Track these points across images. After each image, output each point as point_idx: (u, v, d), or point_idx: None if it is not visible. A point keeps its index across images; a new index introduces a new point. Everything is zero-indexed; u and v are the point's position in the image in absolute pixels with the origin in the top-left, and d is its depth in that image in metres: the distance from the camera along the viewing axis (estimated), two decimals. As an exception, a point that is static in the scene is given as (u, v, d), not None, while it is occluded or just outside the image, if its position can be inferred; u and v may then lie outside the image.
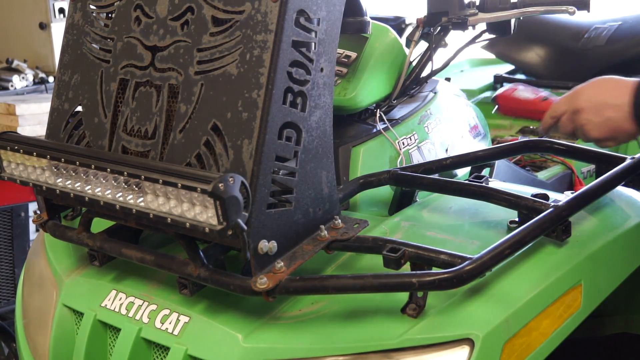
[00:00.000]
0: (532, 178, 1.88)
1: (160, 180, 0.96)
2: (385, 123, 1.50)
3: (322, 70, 1.08)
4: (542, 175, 1.96)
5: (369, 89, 1.47)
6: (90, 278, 1.29)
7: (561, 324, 1.08)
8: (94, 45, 1.21)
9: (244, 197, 0.93)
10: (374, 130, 1.48)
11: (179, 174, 0.96)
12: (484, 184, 1.27)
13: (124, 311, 1.19)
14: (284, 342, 1.04)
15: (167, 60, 1.11)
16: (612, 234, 1.20)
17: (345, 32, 1.28)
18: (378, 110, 1.51)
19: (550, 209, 1.11)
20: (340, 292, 0.99)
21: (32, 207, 2.63)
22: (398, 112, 1.57)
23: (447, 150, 1.62)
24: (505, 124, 2.36)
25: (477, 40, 1.61)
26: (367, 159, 1.44)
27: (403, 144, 1.51)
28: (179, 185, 0.94)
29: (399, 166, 1.45)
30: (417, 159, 1.52)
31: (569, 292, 1.10)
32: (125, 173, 1.01)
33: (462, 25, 1.51)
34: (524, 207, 1.17)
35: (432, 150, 1.58)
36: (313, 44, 1.06)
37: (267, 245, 1.01)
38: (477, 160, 1.43)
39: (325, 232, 1.11)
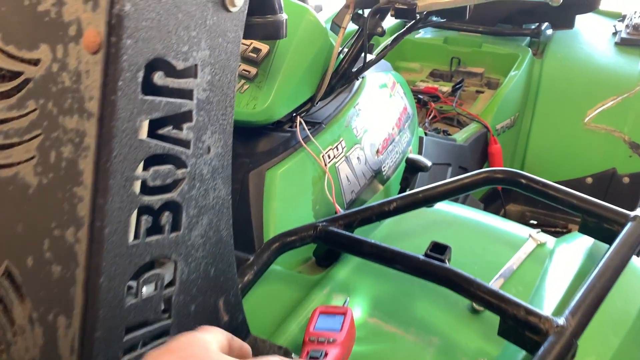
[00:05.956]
0: (452, 145, 1.81)
1: None
2: (306, 132, 1.09)
3: (208, 150, 0.60)
4: (459, 137, 1.88)
5: (286, 95, 1.08)
6: None
7: None
8: None
9: None
10: (294, 142, 1.12)
11: None
12: (446, 265, 0.86)
13: None
14: None
15: None
16: None
17: (250, 37, 0.85)
18: (298, 117, 1.10)
19: None
20: None
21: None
22: (321, 113, 1.21)
23: (377, 151, 1.33)
24: (416, 68, 2.32)
25: (419, 25, 1.26)
26: (285, 185, 1.09)
27: (329, 157, 1.17)
28: None
29: (326, 187, 1.14)
30: (345, 174, 1.21)
31: None
32: None
33: (409, 12, 1.11)
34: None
35: (362, 157, 1.28)
36: (188, 112, 0.56)
37: None
38: (431, 200, 1.03)
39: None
